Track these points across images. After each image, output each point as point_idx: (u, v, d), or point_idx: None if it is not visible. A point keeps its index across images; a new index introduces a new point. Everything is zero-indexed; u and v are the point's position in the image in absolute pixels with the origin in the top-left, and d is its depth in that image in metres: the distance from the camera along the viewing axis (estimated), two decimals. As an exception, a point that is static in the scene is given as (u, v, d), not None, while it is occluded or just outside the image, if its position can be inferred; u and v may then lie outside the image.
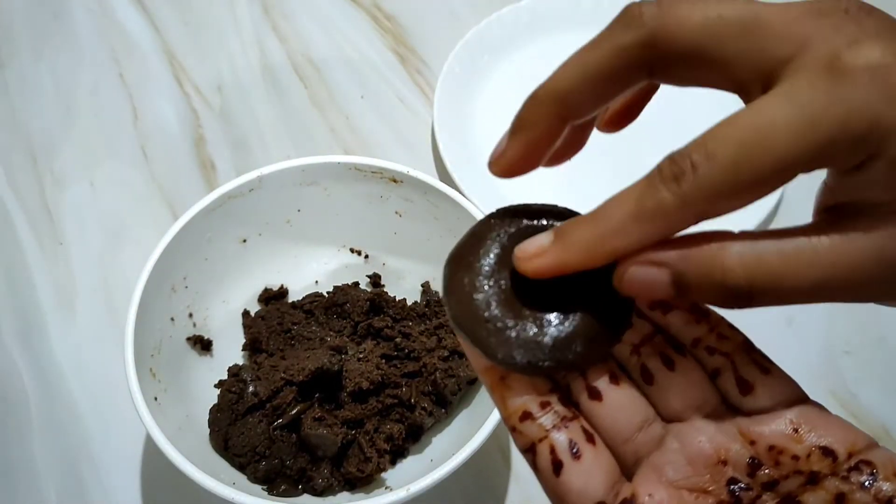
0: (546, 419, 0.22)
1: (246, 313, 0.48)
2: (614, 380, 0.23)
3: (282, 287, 0.49)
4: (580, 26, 0.65)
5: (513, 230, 0.25)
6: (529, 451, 0.22)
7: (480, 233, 0.25)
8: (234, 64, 0.66)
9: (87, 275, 0.54)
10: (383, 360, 0.43)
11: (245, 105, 0.63)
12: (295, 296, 0.49)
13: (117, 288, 0.53)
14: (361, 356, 0.43)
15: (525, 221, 0.25)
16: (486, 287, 0.23)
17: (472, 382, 0.43)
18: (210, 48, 0.67)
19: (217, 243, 0.46)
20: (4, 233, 0.56)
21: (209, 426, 0.41)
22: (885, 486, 0.20)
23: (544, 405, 0.22)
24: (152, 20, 0.69)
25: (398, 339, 0.44)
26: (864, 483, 0.20)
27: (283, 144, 0.61)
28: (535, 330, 0.23)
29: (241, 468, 0.41)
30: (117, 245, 0.55)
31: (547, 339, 0.22)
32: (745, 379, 0.22)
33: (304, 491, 0.41)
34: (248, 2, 0.70)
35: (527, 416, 0.22)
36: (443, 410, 0.43)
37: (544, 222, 0.25)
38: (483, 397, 0.42)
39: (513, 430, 0.22)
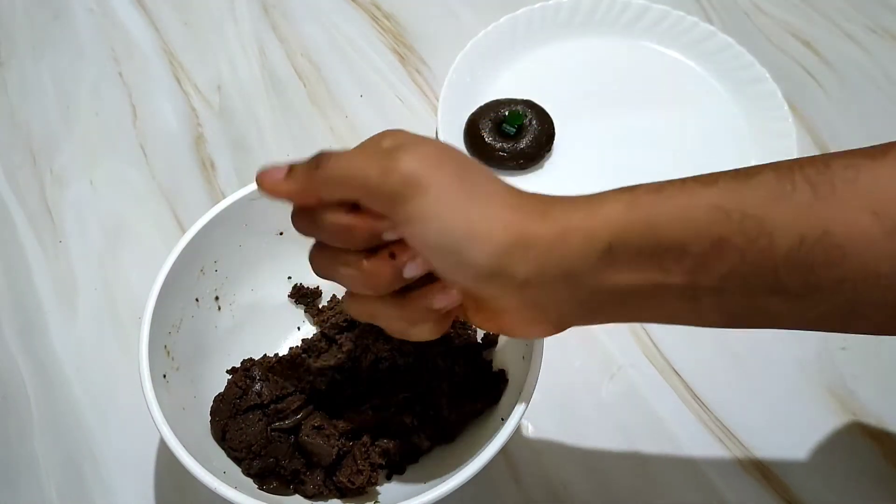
0: None
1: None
2: None
3: (317, 287, 0.49)
4: (578, 32, 0.65)
5: (493, 114, 0.56)
6: None
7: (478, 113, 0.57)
8: (234, 63, 0.66)
9: (88, 273, 0.54)
10: (399, 365, 0.43)
11: (244, 104, 0.63)
12: (326, 296, 0.49)
13: (117, 286, 0.53)
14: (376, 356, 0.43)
15: (502, 109, 0.57)
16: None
17: (478, 415, 0.42)
18: (209, 47, 0.67)
19: (253, 232, 0.45)
20: (4, 231, 0.56)
21: (211, 414, 0.41)
22: None
23: None
24: (152, 20, 0.69)
25: (410, 359, 0.43)
26: None
27: (282, 143, 0.61)
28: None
29: (236, 461, 0.41)
30: (117, 243, 0.55)
31: None
32: None
33: (296, 492, 0.40)
34: (248, 1, 0.70)
35: None
36: (444, 439, 0.42)
37: (518, 109, 0.56)
38: (487, 426, 0.40)
39: None
